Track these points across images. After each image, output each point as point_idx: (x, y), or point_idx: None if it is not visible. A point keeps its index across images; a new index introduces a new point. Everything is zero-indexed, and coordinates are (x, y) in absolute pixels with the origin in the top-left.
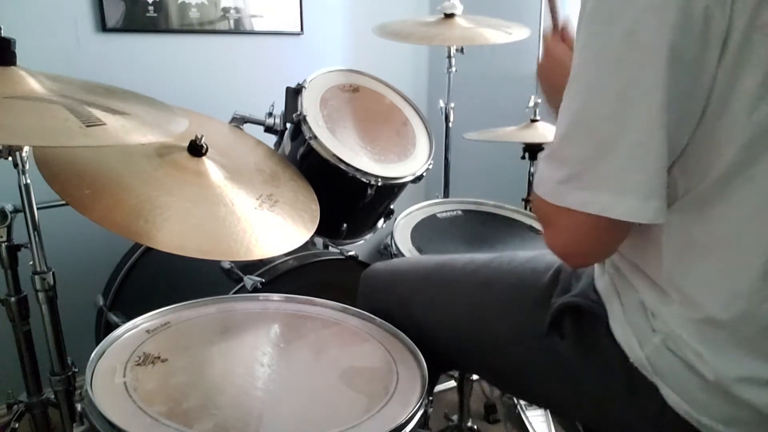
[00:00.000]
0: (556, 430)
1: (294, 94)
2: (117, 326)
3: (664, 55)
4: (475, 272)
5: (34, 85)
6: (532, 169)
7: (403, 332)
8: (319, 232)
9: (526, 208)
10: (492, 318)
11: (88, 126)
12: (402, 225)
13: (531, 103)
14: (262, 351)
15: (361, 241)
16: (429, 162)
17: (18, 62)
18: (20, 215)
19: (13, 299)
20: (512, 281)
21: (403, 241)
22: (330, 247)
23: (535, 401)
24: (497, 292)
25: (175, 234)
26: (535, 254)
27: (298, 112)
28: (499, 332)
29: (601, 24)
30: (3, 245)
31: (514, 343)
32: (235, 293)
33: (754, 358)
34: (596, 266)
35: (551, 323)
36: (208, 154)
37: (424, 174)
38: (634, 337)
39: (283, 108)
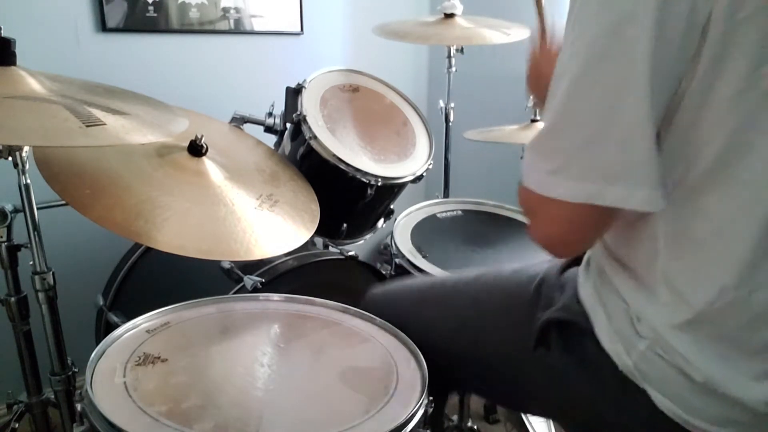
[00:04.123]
0: (556, 430)
1: (294, 94)
2: (117, 326)
3: (649, 46)
4: (464, 290)
5: (34, 85)
6: None
7: None
8: (319, 232)
9: None
10: (482, 335)
11: (88, 126)
12: (402, 225)
13: (531, 103)
14: (262, 351)
15: (361, 241)
16: (429, 162)
17: (18, 62)
18: (20, 215)
19: (13, 299)
20: (498, 297)
21: (403, 241)
22: (330, 247)
23: (532, 413)
24: (485, 309)
25: (175, 234)
26: (520, 267)
27: (298, 112)
28: (489, 349)
29: (589, 17)
30: (3, 245)
31: (505, 359)
32: (235, 293)
33: (741, 354)
34: (580, 274)
35: (537, 338)
36: (208, 154)
37: (424, 174)
38: (621, 345)
39: (283, 108)
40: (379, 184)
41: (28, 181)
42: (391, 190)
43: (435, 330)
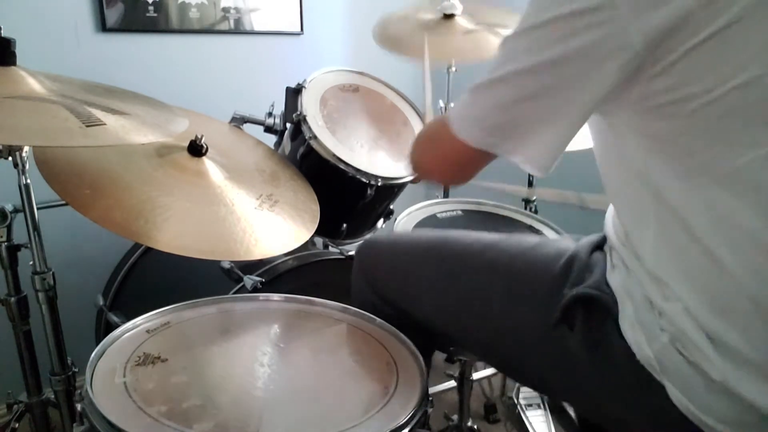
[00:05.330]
0: (556, 430)
1: (294, 94)
2: (117, 326)
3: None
4: (481, 252)
5: (34, 85)
6: None
7: (395, 306)
8: (319, 232)
9: (526, 208)
10: (497, 302)
11: (88, 126)
12: (402, 225)
13: None
14: (262, 351)
15: (361, 241)
16: None
17: (18, 62)
18: (20, 215)
19: (13, 299)
20: (521, 266)
21: None
22: (330, 247)
23: (535, 387)
24: (504, 276)
25: (175, 234)
26: (543, 240)
27: (298, 112)
28: (504, 318)
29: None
30: (3, 245)
31: (520, 331)
32: (235, 293)
33: (756, 357)
34: (608, 261)
35: (562, 314)
36: (208, 154)
37: None
38: (643, 336)
39: (283, 108)
40: (379, 184)
41: (28, 181)
42: (391, 190)
43: (441, 287)
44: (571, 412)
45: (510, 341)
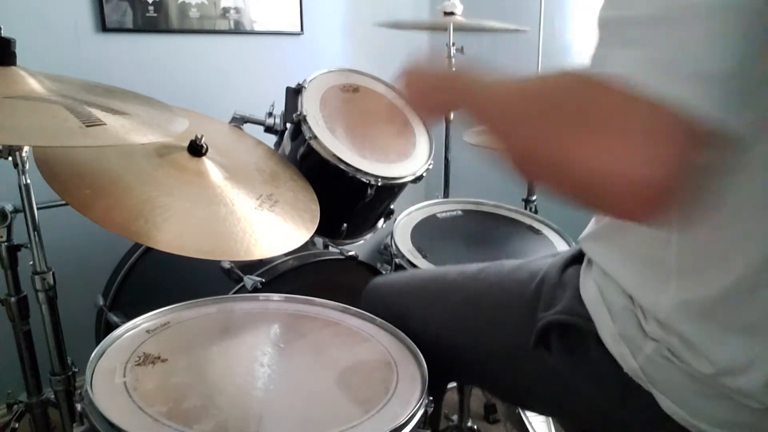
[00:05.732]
0: (556, 430)
1: (294, 94)
2: (117, 326)
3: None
4: (464, 286)
5: (34, 85)
6: None
7: None
8: (319, 232)
9: (526, 208)
10: (482, 332)
11: (88, 126)
12: (402, 225)
13: None
14: (262, 351)
15: (361, 241)
16: (429, 162)
17: (18, 62)
18: (20, 215)
19: (13, 299)
20: (498, 295)
21: (403, 241)
22: (330, 247)
23: (534, 410)
24: (484, 307)
25: (175, 234)
26: (521, 263)
27: (298, 112)
28: (490, 346)
29: None
30: (3, 245)
31: (505, 357)
32: (235, 293)
33: (756, 341)
34: (582, 273)
35: (537, 339)
36: (208, 154)
37: (424, 174)
38: (626, 347)
39: (283, 108)
40: (379, 184)
41: (28, 181)
42: (391, 190)
43: (435, 323)
44: None
45: (500, 368)
